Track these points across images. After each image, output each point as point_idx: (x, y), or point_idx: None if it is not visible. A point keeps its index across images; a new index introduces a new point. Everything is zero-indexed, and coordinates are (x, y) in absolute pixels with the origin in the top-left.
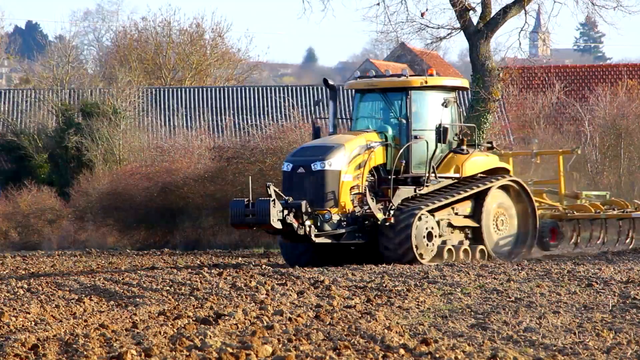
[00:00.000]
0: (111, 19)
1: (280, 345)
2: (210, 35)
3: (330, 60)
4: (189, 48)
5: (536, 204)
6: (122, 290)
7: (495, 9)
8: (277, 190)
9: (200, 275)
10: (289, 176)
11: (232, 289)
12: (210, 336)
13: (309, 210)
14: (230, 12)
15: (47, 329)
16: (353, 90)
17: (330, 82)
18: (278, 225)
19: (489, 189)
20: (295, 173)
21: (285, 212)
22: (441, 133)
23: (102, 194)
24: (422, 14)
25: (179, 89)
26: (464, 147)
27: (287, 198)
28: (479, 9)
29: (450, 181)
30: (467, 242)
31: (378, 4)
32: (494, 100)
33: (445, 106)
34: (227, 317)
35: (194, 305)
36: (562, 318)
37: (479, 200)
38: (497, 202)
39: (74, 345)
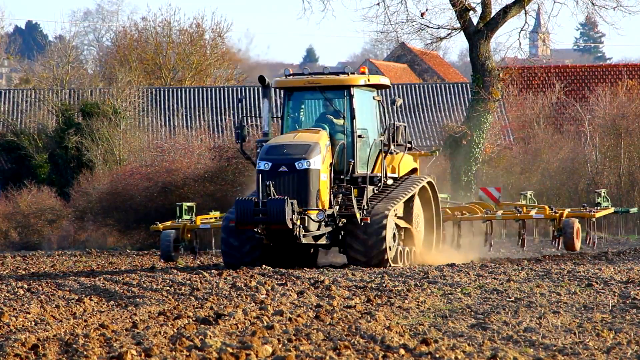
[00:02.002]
0: (111, 19)
1: (280, 345)
2: (210, 35)
3: (330, 60)
4: (189, 48)
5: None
6: (122, 290)
7: (495, 9)
8: (274, 190)
9: (200, 275)
10: (268, 175)
11: (232, 289)
12: (210, 336)
13: (298, 209)
14: (230, 12)
15: (47, 329)
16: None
17: (267, 80)
18: (290, 224)
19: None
20: (277, 172)
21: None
22: (394, 132)
23: (102, 194)
24: (422, 14)
25: (179, 89)
26: (392, 147)
27: (278, 197)
28: (479, 9)
29: (391, 181)
30: (402, 243)
31: (378, 4)
32: (494, 100)
33: (394, 105)
34: (227, 317)
35: (194, 305)
36: (562, 318)
37: (407, 201)
38: (418, 203)
39: (74, 345)
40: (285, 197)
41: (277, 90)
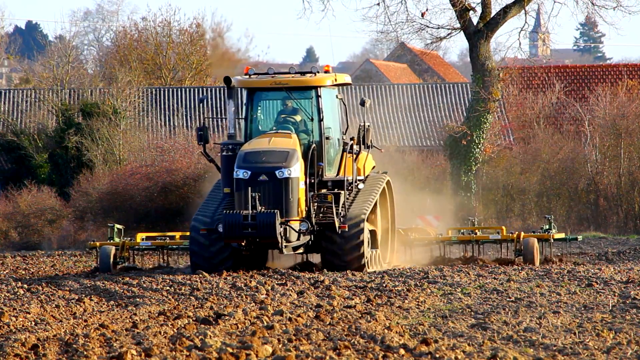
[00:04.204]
0: (111, 19)
1: (280, 345)
2: (210, 35)
3: (330, 60)
4: (189, 48)
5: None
6: (122, 290)
7: (495, 9)
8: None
9: (200, 275)
10: (247, 184)
11: (232, 289)
12: (210, 336)
13: (280, 220)
14: (230, 12)
15: (47, 329)
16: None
17: (232, 82)
18: (279, 238)
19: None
20: (256, 181)
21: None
22: (365, 133)
23: (102, 194)
24: (422, 14)
25: (179, 89)
26: (355, 146)
27: (261, 208)
28: (479, 9)
29: (362, 185)
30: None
31: (378, 4)
32: (494, 100)
33: (364, 106)
34: (227, 317)
35: (194, 305)
36: (562, 318)
37: None
38: (377, 204)
39: (74, 345)
40: (276, 211)
41: (241, 90)
